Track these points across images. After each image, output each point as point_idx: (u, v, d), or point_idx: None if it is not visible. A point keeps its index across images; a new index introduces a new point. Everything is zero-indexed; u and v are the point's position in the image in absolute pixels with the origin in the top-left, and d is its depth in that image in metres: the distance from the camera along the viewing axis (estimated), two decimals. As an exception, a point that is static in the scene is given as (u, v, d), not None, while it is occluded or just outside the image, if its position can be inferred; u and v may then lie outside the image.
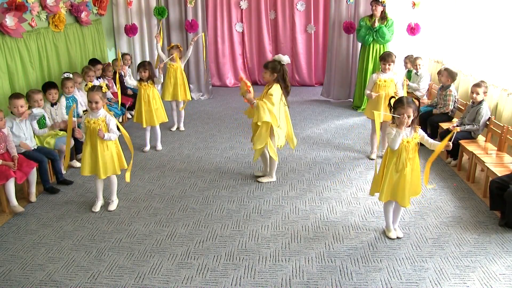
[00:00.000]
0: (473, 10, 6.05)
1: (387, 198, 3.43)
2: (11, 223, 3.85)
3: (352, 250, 3.41)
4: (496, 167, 4.13)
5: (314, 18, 8.78)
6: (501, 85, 5.06)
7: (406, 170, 3.30)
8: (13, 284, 3.04)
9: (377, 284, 3.02)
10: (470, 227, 3.71)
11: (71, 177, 4.77)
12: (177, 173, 4.87)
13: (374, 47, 6.87)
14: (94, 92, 3.76)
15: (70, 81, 5.15)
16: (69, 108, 5.22)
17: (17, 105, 4.19)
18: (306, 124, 6.53)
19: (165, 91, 6.10)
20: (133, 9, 7.54)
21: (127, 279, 3.09)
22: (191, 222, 3.84)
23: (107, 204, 4.11)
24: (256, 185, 4.54)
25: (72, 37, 6.02)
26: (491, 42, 5.45)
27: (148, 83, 5.33)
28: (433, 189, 4.38)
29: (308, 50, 8.97)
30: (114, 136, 3.91)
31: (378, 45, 6.86)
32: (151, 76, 5.35)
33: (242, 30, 9.00)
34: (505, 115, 4.89)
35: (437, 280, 3.05)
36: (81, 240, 3.58)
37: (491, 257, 3.29)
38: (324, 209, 4.05)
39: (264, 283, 3.04)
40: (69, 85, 5.13)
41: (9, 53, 4.58)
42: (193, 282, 3.06)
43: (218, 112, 7.29)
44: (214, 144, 5.79)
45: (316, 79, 9.14)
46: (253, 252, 3.39)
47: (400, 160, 3.30)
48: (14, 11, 4.45)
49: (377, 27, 6.66)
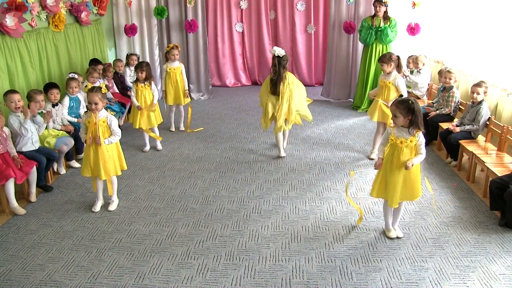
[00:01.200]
0: (473, 10, 6.05)
1: (377, 195, 3.48)
2: (11, 223, 3.85)
3: (352, 250, 3.41)
4: (496, 167, 4.13)
5: (314, 18, 8.78)
6: (501, 85, 5.07)
7: (398, 171, 3.30)
8: (13, 284, 3.04)
9: (377, 284, 3.02)
10: (470, 227, 3.71)
11: (71, 177, 4.78)
12: (177, 173, 4.87)
13: (377, 47, 6.86)
14: (94, 93, 3.75)
15: (75, 81, 5.16)
16: (72, 108, 5.22)
17: (14, 99, 4.16)
18: (306, 124, 6.53)
19: (167, 95, 6.08)
20: (133, 9, 7.54)
21: (127, 279, 3.09)
22: (191, 222, 3.84)
23: (107, 204, 4.11)
24: (256, 185, 4.54)
25: (72, 37, 6.02)
26: (491, 42, 5.45)
27: (145, 85, 5.33)
28: (433, 189, 4.37)
29: (308, 50, 8.97)
30: (116, 138, 3.90)
31: (381, 46, 6.85)
32: (148, 77, 5.35)
33: (242, 30, 9.00)
34: (505, 115, 4.89)
35: (437, 280, 3.05)
36: (81, 240, 3.58)
37: (491, 257, 3.29)
38: (324, 209, 4.05)
39: (264, 283, 3.04)
40: (73, 85, 5.14)
41: (9, 53, 4.58)
42: (193, 282, 3.06)
43: (218, 112, 7.29)
44: (214, 144, 5.79)
45: (316, 79, 9.14)
46: (253, 252, 3.39)
47: (392, 160, 3.32)
48: (14, 11, 4.45)
49: (382, 27, 6.65)
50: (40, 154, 4.34)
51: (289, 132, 5.51)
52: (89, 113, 3.84)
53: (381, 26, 6.65)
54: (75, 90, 5.16)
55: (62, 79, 5.69)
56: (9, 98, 4.17)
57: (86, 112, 3.91)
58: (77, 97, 5.24)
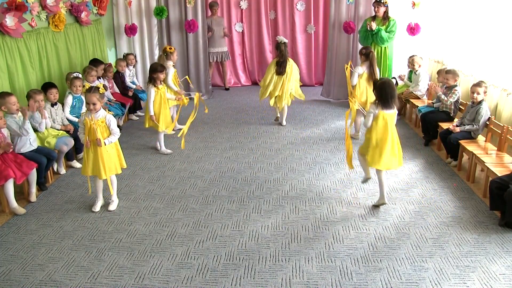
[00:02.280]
0: (473, 10, 6.05)
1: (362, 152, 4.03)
2: (11, 223, 3.85)
3: (352, 250, 3.41)
4: (496, 167, 4.13)
5: (314, 18, 8.79)
6: (501, 85, 5.06)
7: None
8: (13, 284, 3.04)
9: (377, 284, 3.02)
10: (470, 227, 3.71)
11: (71, 177, 4.78)
12: (177, 173, 4.87)
13: (375, 48, 6.85)
14: (92, 94, 3.73)
15: (79, 80, 5.17)
16: (74, 108, 5.22)
17: (13, 101, 4.15)
18: (306, 124, 6.54)
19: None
20: (133, 9, 7.54)
21: (127, 279, 3.09)
22: (191, 222, 3.84)
23: (107, 204, 4.11)
24: (256, 185, 4.54)
25: (72, 37, 6.02)
26: (491, 42, 5.45)
27: (163, 85, 5.40)
28: (433, 189, 4.38)
29: (308, 50, 8.97)
30: (115, 138, 3.90)
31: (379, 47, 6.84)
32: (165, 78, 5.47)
33: (242, 30, 9.00)
34: (505, 115, 4.90)
35: (437, 280, 3.05)
36: (81, 240, 3.58)
37: (491, 257, 3.29)
38: (324, 209, 4.05)
39: (264, 283, 3.04)
40: (77, 84, 5.14)
41: (9, 53, 4.58)
42: (193, 282, 3.06)
43: (218, 112, 7.29)
44: (214, 144, 5.79)
45: (316, 79, 9.14)
46: (253, 252, 3.39)
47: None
48: (14, 11, 4.45)
49: (376, 30, 6.65)
50: (39, 154, 4.34)
51: (289, 128, 5.51)
52: (87, 113, 3.83)
53: (373, 29, 6.66)
54: (79, 89, 5.16)
55: (62, 79, 5.70)
56: (8, 100, 4.15)
57: (84, 113, 3.90)
58: (80, 97, 5.24)
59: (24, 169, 4.02)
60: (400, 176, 4.70)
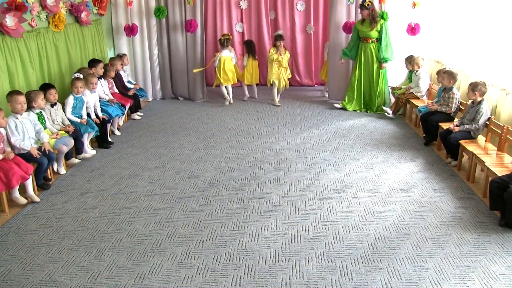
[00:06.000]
0: (473, 10, 6.05)
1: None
2: (11, 223, 3.85)
3: (352, 250, 3.41)
4: (496, 167, 4.13)
5: (314, 18, 8.78)
6: (500, 85, 5.07)
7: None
8: (13, 284, 3.04)
9: (377, 284, 3.02)
10: (470, 227, 3.71)
11: (71, 177, 4.78)
12: (177, 173, 4.87)
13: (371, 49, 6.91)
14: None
15: (80, 81, 5.18)
16: (75, 108, 5.22)
17: (20, 101, 4.19)
18: (306, 124, 6.54)
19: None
20: (133, 9, 7.53)
21: (127, 279, 3.09)
22: (191, 222, 3.85)
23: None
24: (256, 185, 4.54)
25: (72, 37, 6.02)
26: (490, 42, 5.46)
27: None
28: (433, 189, 4.38)
29: (307, 50, 8.96)
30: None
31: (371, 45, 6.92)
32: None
33: (242, 30, 8.99)
34: (504, 115, 4.90)
35: (437, 280, 3.05)
36: (81, 240, 3.58)
37: (491, 257, 3.29)
38: (324, 209, 4.05)
39: (264, 283, 3.04)
40: (79, 85, 5.15)
41: (9, 53, 4.58)
42: (193, 282, 3.06)
43: (218, 112, 7.29)
44: (214, 144, 5.79)
45: (316, 79, 9.13)
46: (253, 252, 3.39)
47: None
48: (14, 11, 4.45)
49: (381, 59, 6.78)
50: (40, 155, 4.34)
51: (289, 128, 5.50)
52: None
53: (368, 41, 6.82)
54: (80, 90, 5.17)
55: (62, 79, 5.70)
56: (15, 99, 4.17)
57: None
58: (81, 97, 5.24)
59: (26, 169, 4.02)
60: (400, 176, 4.70)
